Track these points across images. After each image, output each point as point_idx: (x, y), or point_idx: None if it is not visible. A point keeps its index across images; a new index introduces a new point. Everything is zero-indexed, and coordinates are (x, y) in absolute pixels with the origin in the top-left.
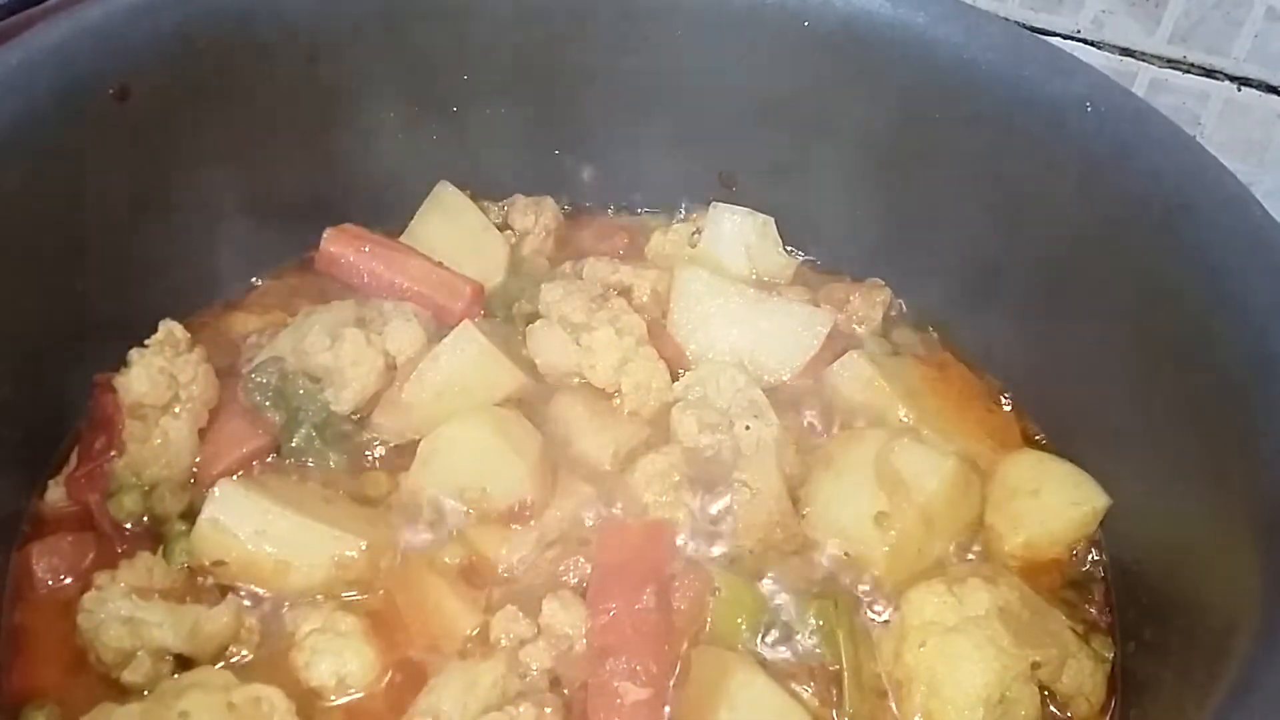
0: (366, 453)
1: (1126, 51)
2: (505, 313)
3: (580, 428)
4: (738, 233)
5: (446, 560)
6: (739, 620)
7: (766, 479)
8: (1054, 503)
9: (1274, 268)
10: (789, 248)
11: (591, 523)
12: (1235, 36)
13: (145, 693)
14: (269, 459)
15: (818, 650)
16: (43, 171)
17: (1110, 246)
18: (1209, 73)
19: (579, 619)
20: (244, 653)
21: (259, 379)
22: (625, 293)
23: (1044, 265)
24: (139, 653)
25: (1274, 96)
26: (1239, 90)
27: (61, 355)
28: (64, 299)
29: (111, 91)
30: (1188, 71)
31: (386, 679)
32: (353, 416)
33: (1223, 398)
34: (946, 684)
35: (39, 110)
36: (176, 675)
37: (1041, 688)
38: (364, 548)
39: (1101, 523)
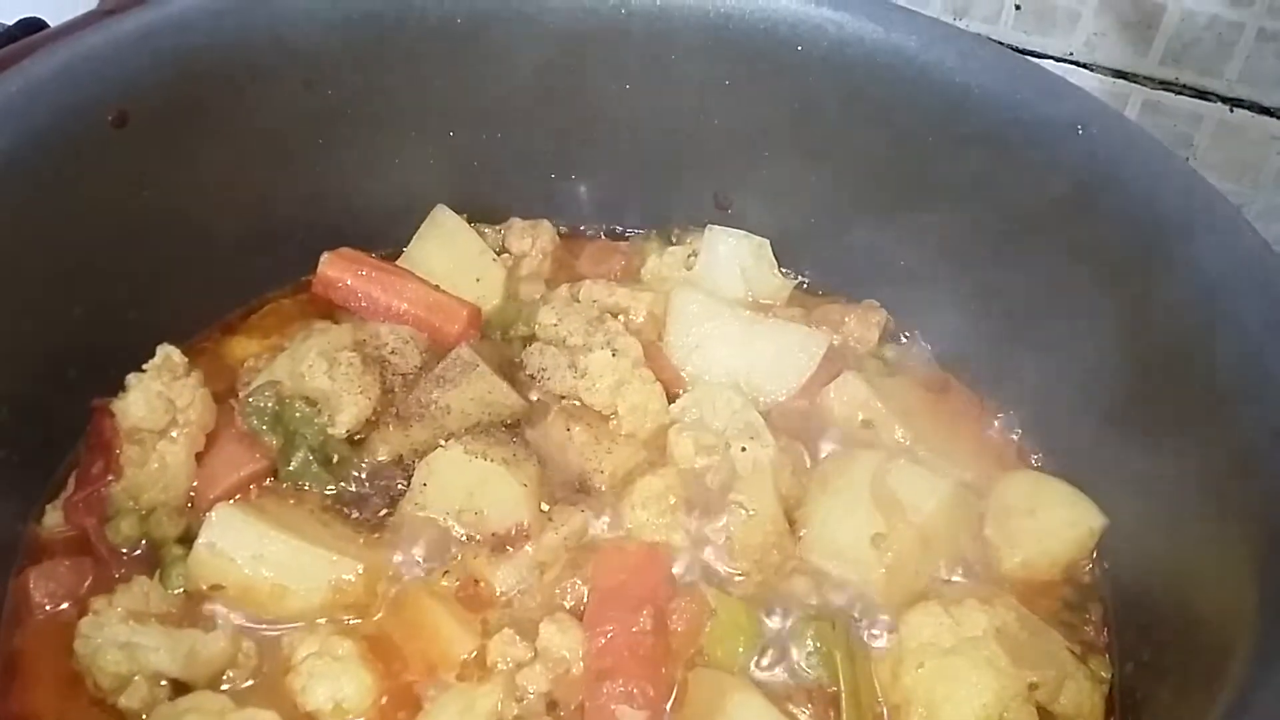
0: (363, 476)
1: (1119, 73)
2: (502, 335)
3: (577, 450)
4: (733, 255)
5: (443, 584)
6: (736, 642)
7: (763, 500)
8: (1051, 523)
9: (1267, 287)
10: (784, 269)
11: (588, 545)
12: (1227, 58)
13: (142, 717)
14: (266, 483)
15: (815, 672)
16: (42, 196)
17: (1104, 268)
18: (1201, 94)
19: (576, 642)
20: (241, 677)
21: (256, 403)
22: (621, 315)
23: (1038, 286)
24: (135, 677)
25: (1266, 118)
26: (1231, 112)
27: (59, 380)
28: (62, 323)
29: (110, 117)
30: (1180, 93)
31: (383, 703)
32: (350, 440)
33: (1219, 418)
34: (945, 705)
35: (38, 136)
36: (173, 700)
37: (1039, 708)
38: (361, 571)
39: (1098, 543)
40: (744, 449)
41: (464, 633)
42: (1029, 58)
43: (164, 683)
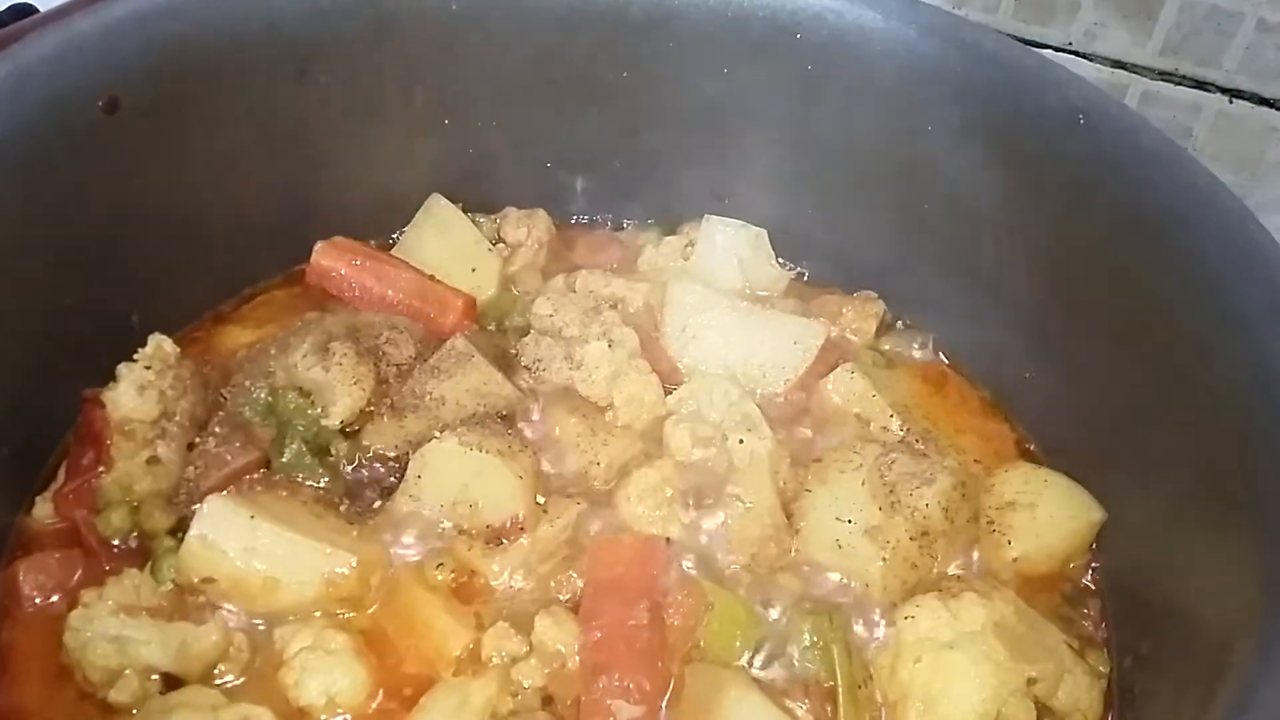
0: (357, 468)
1: (1118, 64)
2: (497, 326)
3: (572, 442)
4: (730, 245)
5: (438, 577)
6: (733, 636)
7: (760, 493)
8: (1050, 516)
9: (1267, 278)
10: (782, 260)
11: (584, 538)
12: (1226, 49)
13: (133, 712)
14: (259, 474)
15: (812, 666)
16: (32, 184)
17: (1103, 258)
18: (1200, 85)
19: (571, 636)
20: (233, 671)
21: (249, 393)
22: (618, 306)
23: (1037, 278)
24: (126, 671)
25: (1265, 109)
26: (1230, 102)
27: (50, 370)
28: (52, 313)
29: (101, 104)
30: (1179, 84)
31: (377, 698)
32: (343, 431)
33: (1218, 409)
34: (942, 700)
35: (29, 122)
36: (164, 694)
37: (1037, 703)
38: (354, 564)
39: (1098, 537)
40: (741, 441)
41: (458, 626)
42: (1029, 47)
43: (155, 677)
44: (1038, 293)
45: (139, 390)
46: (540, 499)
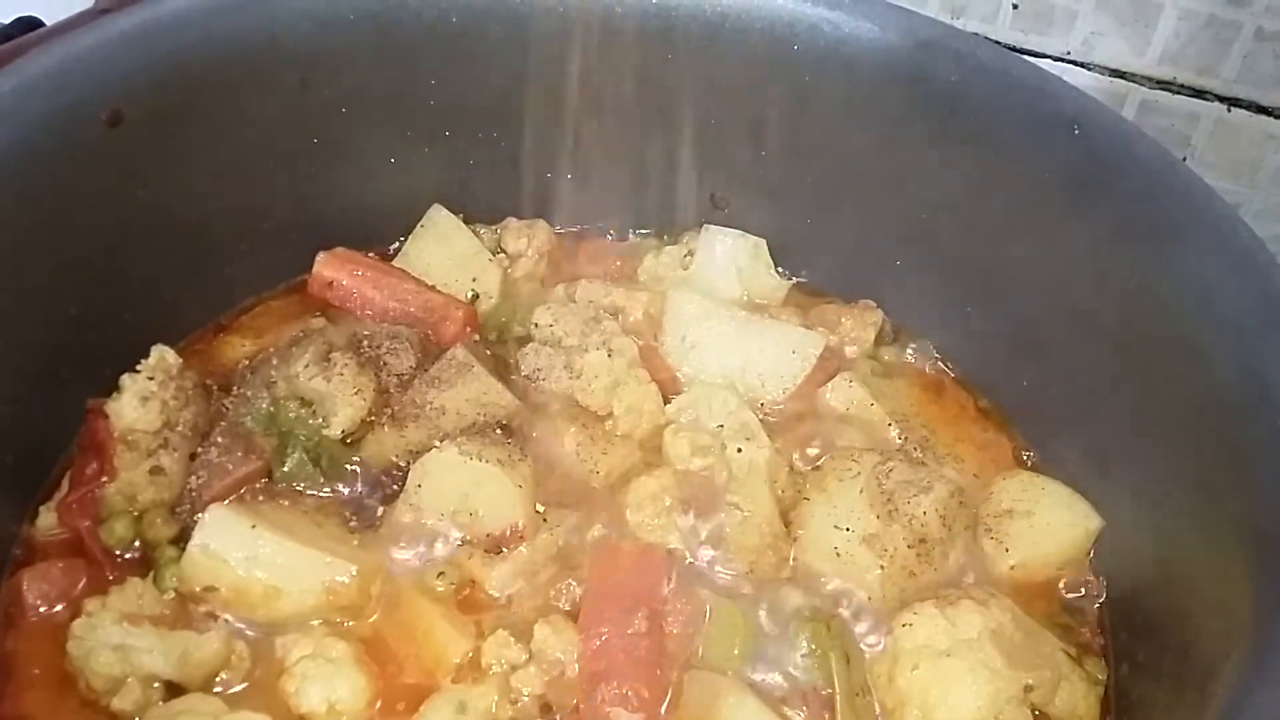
0: (358, 477)
1: (1117, 73)
2: (498, 336)
3: (572, 451)
4: (730, 255)
5: (438, 585)
6: (731, 644)
7: (758, 501)
8: (1047, 524)
9: (1261, 287)
10: (781, 269)
11: (583, 546)
12: (1225, 57)
13: None
14: (261, 484)
15: (810, 674)
16: (36, 196)
17: (1099, 268)
18: (1199, 93)
19: (570, 644)
20: (234, 679)
21: (251, 403)
22: (618, 315)
23: (1033, 287)
24: (129, 679)
25: (1264, 117)
26: (1229, 111)
27: (53, 380)
28: (56, 324)
29: (105, 117)
30: (1178, 92)
31: (377, 705)
32: (345, 441)
33: (1213, 417)
34: (939, 708)
35: (33, 135)
36: (166, 702)
37: (1034, 710)
38: (355, 573)
39: (1095, 544)
40: (740, 450)
41: (458, 635)
42: (1026, 57)
43: (157, 685)
44: (1035, 301)
45: (142, 401)
46: (540, 508)
